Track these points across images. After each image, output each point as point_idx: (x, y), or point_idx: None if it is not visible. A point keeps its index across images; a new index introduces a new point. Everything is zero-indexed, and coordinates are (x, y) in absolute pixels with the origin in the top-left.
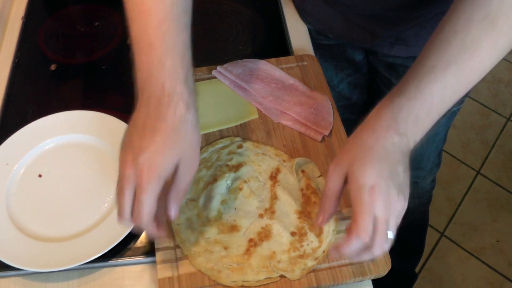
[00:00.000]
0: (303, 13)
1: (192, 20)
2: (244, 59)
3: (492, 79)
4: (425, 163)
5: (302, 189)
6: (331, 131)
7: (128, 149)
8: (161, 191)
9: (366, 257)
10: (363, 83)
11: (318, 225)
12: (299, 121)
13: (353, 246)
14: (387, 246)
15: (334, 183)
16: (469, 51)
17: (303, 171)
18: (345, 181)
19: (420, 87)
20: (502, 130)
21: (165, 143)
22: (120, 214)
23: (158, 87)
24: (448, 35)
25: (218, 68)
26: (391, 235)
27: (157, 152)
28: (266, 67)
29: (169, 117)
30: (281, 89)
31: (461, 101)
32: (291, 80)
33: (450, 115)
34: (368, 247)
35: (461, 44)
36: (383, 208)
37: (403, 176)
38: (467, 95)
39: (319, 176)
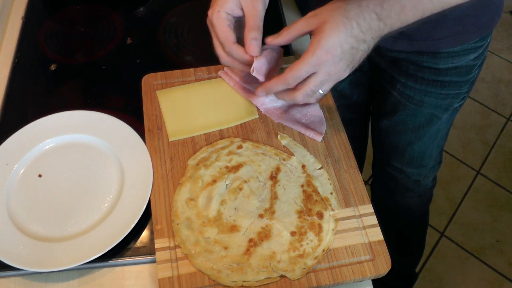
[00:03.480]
0: (304, 9)
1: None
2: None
3: (492, 79)
4: (427, 160)
5: (302, 185)
6: (329, 131)
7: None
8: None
9: (286, 98)
10: (364, 82)
11: (266, 42)
12: (299, 121)
13: (277, 86)
14: (312, 99)
15: (302, 24)
16: None
17: (303, 166)
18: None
19: None
20: (502, 130)
21: None
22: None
23: None
24: None
25: (225, 69)
26: (321, 91)
27: None
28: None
29: None
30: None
31: (462, 98)
32: None
33: (452, 112)
34: (293, 90)
35: None
36: (328, 69)
37: (361, 54)
38: (469, 92)
39: (320, 168)
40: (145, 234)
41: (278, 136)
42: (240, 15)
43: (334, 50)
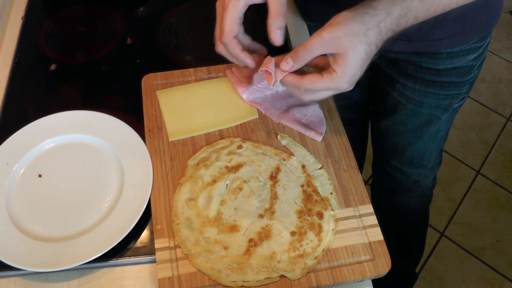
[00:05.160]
0: (304, 11)
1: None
2: None
3: (492, 79)
4: (427, 160)
5: (302, 185)
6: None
7: None
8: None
9: (292, 91)
10: (363, 82)
11: (282, 69)
12: (299, 121)
13: (288, 84)
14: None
15: (319, 47)
16: None
17: (303, 166)
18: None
19: None
20: (502, 130)
21: None
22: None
23: None
24: None
25: (233, 69)
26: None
27: None
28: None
29: None
30: (274, 97)
31: (461, 98)
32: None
33: (451, 112)
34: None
35: None
36: (343, 89)
37: (364, 69)
38: (468, 92)
39: (320, 168)
40: (145, 234)
41: (278, 136)
42: (261, 2)
43: (354, 76)
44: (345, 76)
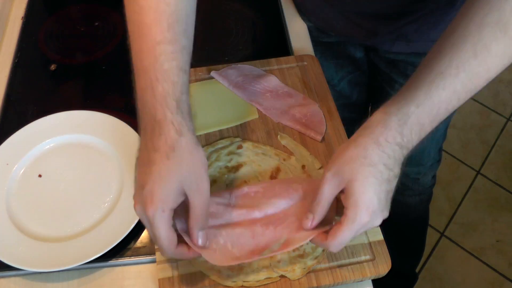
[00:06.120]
0: (303, 11)
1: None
2: (238, 64)
3: (492, 79)
4: (425, 159)
5: None
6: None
7: (136, 188)
8: (177, 218)
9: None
10: (363, 81)
11: (305, 228)
12: (299, 121)
13: (320, 244)
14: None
15: (329, 191)
16: (479, 58)
17: (303, 166)
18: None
19: (429, 94)
20: (502, 130)
21: (160, 173)
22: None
23: (151, 117)
24: (458, 39)
25: (212, 73)
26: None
27: (154, 183)
28: (258, 73)
29: (161, 147)
30: (274, 97)
31: None
32: (285, 89)
33: None
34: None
35: (471, 50)
36: (371, 224)
37: (390, 197)
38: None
39: (320, 168)
40: (145, 234)
41: (278, 136)
42: (182, 201)
43: (373, 206)
44: (361, 209)
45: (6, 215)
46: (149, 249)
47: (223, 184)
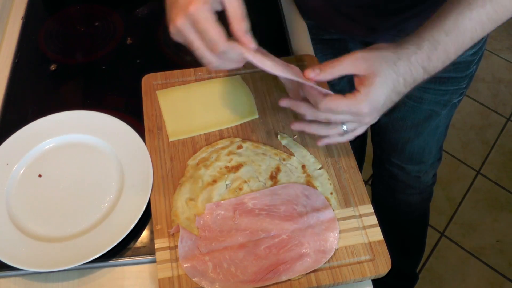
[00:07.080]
0: (303, 9)
1: None
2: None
3: (492, 79)
4: (427, 157)
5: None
6: None
7: (170, 10)
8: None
9: (309, 116)
10: None
11: (305, 75)
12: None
13: (304, 109)
14: (332, 132)
15: (349, 65)
16: None
17: (303, 166)
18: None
19: (457, 24)
20: (502, 130)
21: None
22: (202, 59)
23: None
24: None
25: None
26: (344, 127)
27: None
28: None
29: None
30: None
31: (460, 93)
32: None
33: (450, 108)
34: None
35: None
36: (363, 119)
37: (386, 108)
38: (467, 87)
39: (320, 168)
40: (145, 234)
41: (278, 136)
42: (219, 9)
43: (377, 103)
44: (368, 98)
45: (6, 215)
46: (149, 249)
47: (223, 184)
